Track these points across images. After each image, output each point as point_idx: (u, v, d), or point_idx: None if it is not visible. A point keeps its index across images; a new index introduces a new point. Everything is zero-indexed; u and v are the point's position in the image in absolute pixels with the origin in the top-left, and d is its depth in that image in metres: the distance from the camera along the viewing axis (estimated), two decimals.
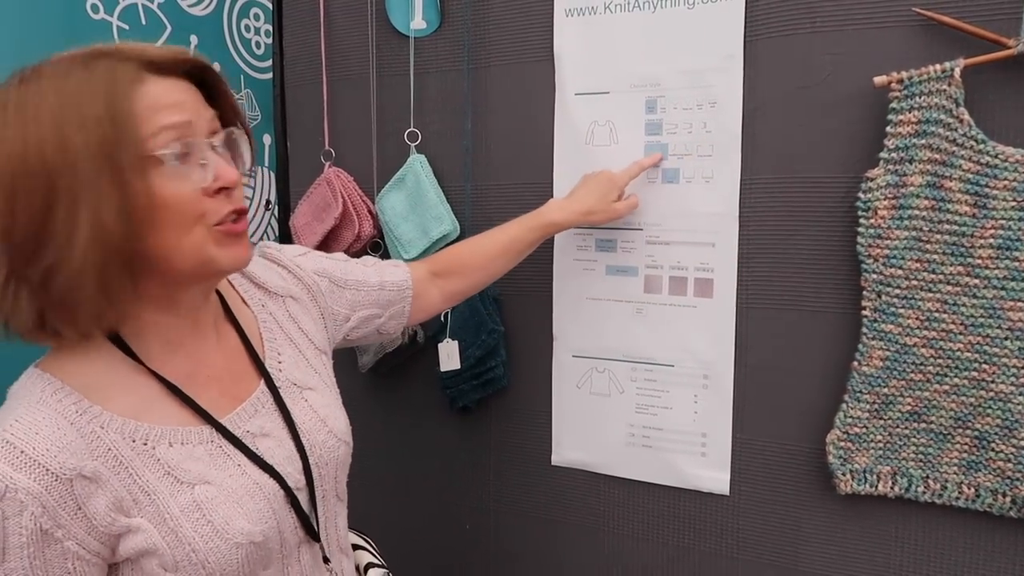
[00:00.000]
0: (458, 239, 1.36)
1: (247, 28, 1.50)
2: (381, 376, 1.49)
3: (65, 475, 0.68)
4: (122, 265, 0.70)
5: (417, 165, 1.37)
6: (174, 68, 0.74)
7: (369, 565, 1.03)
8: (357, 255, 1.47)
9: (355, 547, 1.05)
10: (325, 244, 1.45)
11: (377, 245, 1.46)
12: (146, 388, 0.77)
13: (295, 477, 0.83)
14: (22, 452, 0.67)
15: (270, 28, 1.53)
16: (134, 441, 0.74)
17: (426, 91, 1.39)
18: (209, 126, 0.75)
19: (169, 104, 0.72)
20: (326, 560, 0.88)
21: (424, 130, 1.39)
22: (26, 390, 0.73)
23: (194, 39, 1.37)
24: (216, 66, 0.80)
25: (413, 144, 1.39)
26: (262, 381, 0.87)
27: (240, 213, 0.77)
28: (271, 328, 0.92)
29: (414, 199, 1.38)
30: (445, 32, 1.36)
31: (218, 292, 0.89)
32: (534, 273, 1.33)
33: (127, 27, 1.23)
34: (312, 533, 0.84)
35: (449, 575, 1.49)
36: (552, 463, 1.36)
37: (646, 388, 1.27)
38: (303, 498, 0.84)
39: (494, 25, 1.32)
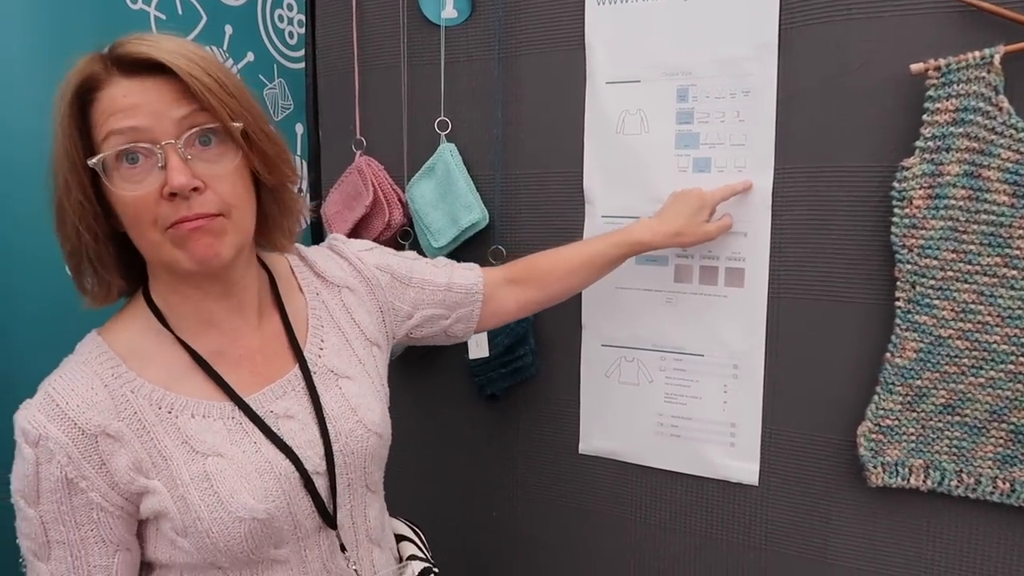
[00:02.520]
0: (487, 228, 1.37)
1: (280, 18, 1.51)
2: (410, 364, 1.50)
3: (91, 431, 0.75)
4: (109, 248, 0.79)
5: (447, 154, 1.38)
6: (141, 67, 0.74)
7: (411, 557, 1.02)
8: (387, 244, 1.48)
9: (403, 537, 1.05)
10: (355, 232, 1.47)
11: (407, 233, 1.47)
12: (178, 360, 0.82)
13: (314, 461, 0.84)
14: (57, 406, 0.75)
15: (303, 18, 1.55)
16: (159, 408, 0.79)
17: (457, 80, 1.39)
18: (175, 128, 0.74)
19: (124, 108, 0.73)
20: (342, 548, 0.88)
21: (454, 119, 1.40)
22: (79, 350, 0.81)
23: (229, 29, 1.39)
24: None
25: (443, 133, 1.40)
26: (296, 365, 0.88)
27: (199, 217, 0.75)
28: (320, 315, 0.93)
29: (444, 188, 1.38)
30: (476, 21, 1.36)
31: (270, 276, 0.92)
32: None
33: (164, 16, 1.26)
34: (328, 519, 0.85)
35: (476, 562, 1.50)
36: (580, 452, 1.37)
37: (675, 378, 1.26)
38: (321, 483, 0.84)
39: (525, 14, 1.32)
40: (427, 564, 1.02)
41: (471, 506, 1.49)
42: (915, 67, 1.01)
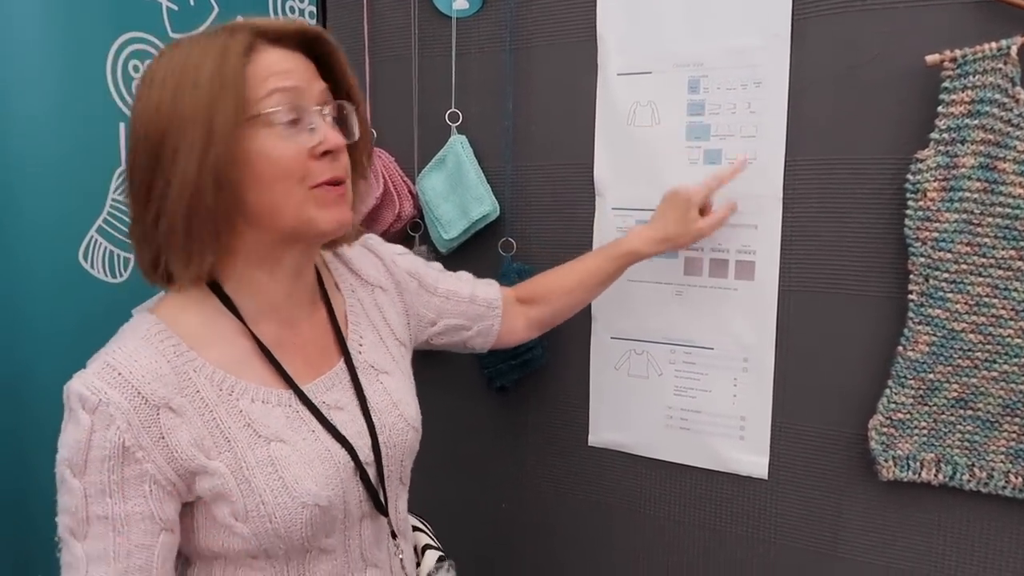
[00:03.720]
0: (498, 220, 1.37)
1: (291, 9, 1.51)
2: (419, 356, 1.49)
3: (154, 401, 0.73)
4: (210, 217, 0.75)
5: (458, 146, 1.38)
6: (288, 39, 0.79)
7: (426, 547, 1.05)
8: (397, 235, 1.49)
9: (415, 528, 1.08)
10: (365, 224, 1.47)
11: (417, 225, 1.47)
12: (239, 345, 0.82)
13: (364, 452, 0.86)
14: (119, 374, 0.73)
15: (314, 9, 1.55)
16: (221, 389, 0.78)
17: (467, 72, 1.39)
18: (320, 96, 0.79)
19: (280, 71, 0.77)
20: (394, 535, 0.91)
21: (465, 111, 1.39)
22: (134, 327, 0.79)
23: (239, 20, 1.39)
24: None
25: (454, 125, 1.40)
26: (342, 359, 0.90)
27: (340, 180, 0.81)
28: (357, 313, 0.96)
29: (454, 180, 1.38)
30: (487, 13, 1.36)
31: (316, 270, 0.93)
32: (573, 254, 1.32)
33: (176, 8, 1.26)
34: (380, 507, 0.87)
35: (485, 553, 1.50)
36: (589, 444, 1.37)
37: (685, 371, 1.26)
38: (371, 473, 0.86)
39: (536, 5, 1.31)
40: (442, 552, 1.05)
41: (480, 497, 1.49)
42: (930, 58, 1.00)
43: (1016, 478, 1.04)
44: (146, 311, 0.81)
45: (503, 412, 1.45)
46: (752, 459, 1.22)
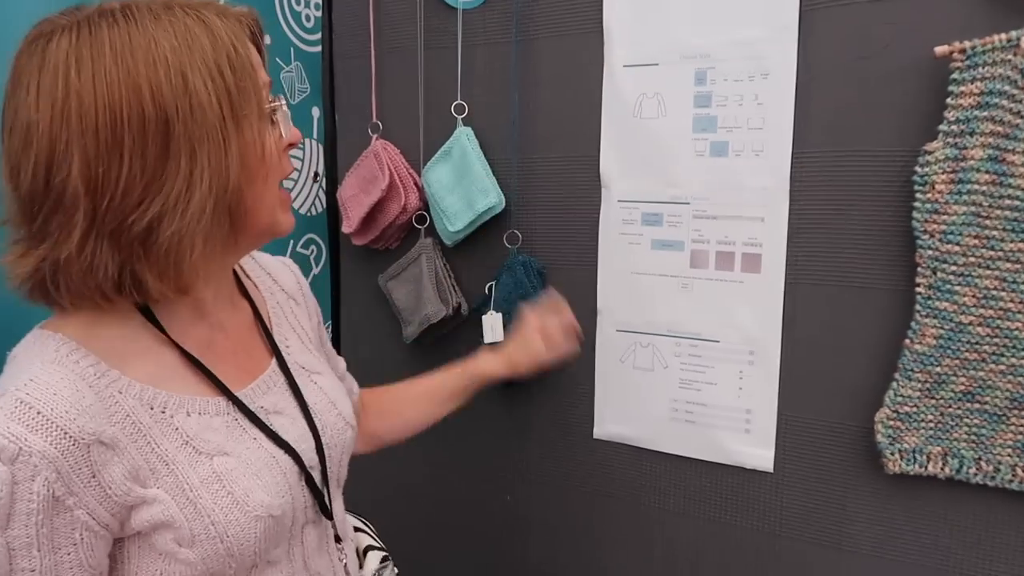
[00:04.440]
0: (503, 212, 1.37)
1: (297, 1, 1.51)
2: (425, 347, 1.50)
3: (83, 440, 0.64)
4: (228, 216, 0.71)
5: (464, 138, 1.37)
6: (248, 26, 0.75)
7: (369, 548, 1.02)
8: (403, 227, 1.49)
9: (357, 529, 1.04)
10: (372, 216, 1.47)
11: (423, 218, 1.47)
12: (164, 356, 0.74)
13: (309, 455, 0.82)
14: (39, 413, 0.63)
15: (319, 1, 1.54)
16: (152, 408, 0.71)
17: (473, 63, 1.38)
18: (268, 87, 0.77)
19: (259, 64, 0.74)
20: (338, 539, 0.87)
21: (471, 103, 1.39)
22: (38, 349, 0.68)
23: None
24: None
25: (460, 117, 1.39)
26: (274, 360, 0.86)
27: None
28: (278, 314, 0.92)
29: (460, 172, 1.38)
30: (493, 4, 1.35)
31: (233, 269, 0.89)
32: (579, 246, 1.33)
33: None
34: (325, 511, 0.84)
35: (489, 545, 1.51)
36: (594, 436, 1.37)
37: (690, 363, 1.26)
38: (316, 476, 0.83)
39: None
40: (385, 552, 1.01)
41: (485, 489, 1.50)
42: (939, 50, 1.00)
43: (1023, 472, 1.04)
44: (39, 329, 0.71)
45: (508, 405, 1.45)
46: (758, 452, 1.22)
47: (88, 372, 0.67)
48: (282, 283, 0.96)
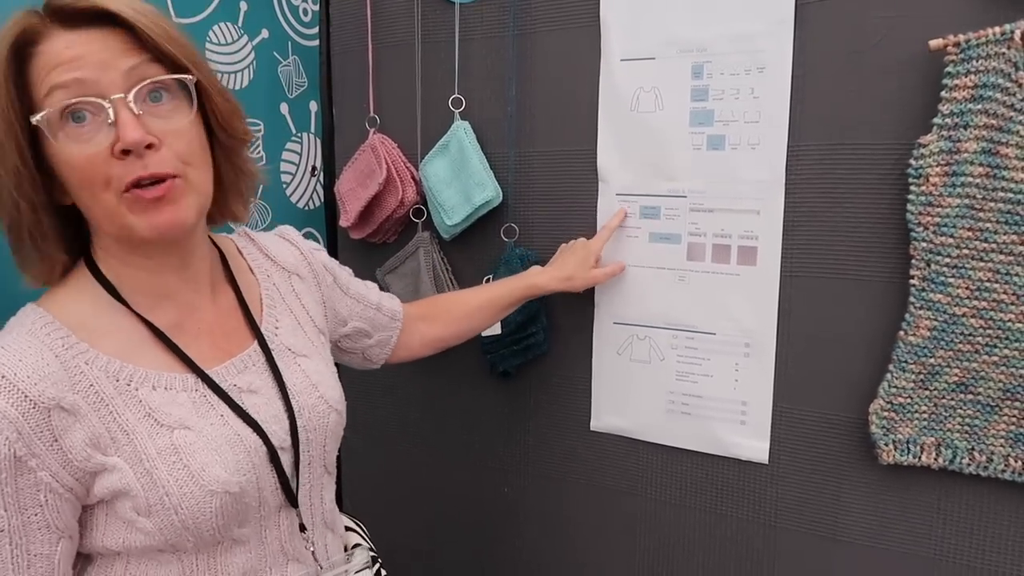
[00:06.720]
0: (501, 206, 1.37)
1: None
2: None
3: (43, 404, 0.68)
4: (51, 218, 0.74)
5: (461, 132, 1.38)
6: (83, 18, 0.69)
7: (356, 546, 1.01)
8: (400, 221, 1.49)
9: (347, 528, 1.04)
10: (369, 210, 1.47)
11: (420, 211, 1.47)
12: (134, 332, 0.77)
13: (280, 436, 0.82)
14: (3, 377, 0.67)
15: None
16: (118, 380, 0.73)
17: (471, 57, 1.39)
18: (125, 81, 0.70)
19: (67, 60, 0.68)
20: (302, 528, 0.86)
21: (468, 97, 1.40)
22: (18, 322, 0.74)
23: (244, 6, 1.39)
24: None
25: (457, 111, 1.40)
26: (255, 342, 0.87)
27: (157, 178, 0.71)
28: (273, 297, 0.93)
29: (457, 166, 1.38)
30: None
31: (221, 252, 0.90)
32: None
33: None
34: (290, 496, 0.83)
35: (488, 538, 1.52)
36: (591, 429, 1.38)
37: (687, 356, 1.27)
38: (286, 459, 0.82)
39: None
40: (373, 552, 1.01)
41: (483, 482, 1.50)
42: (934, 43, 1.00)
43: (1016, 462, 1.05)
44: (30, 304, 0.76)
45: (506, 397, 1.46)
46: (753, 443, 1.23)
47: (57, 344, 0.72)
48: (281, 261, 0.97)
